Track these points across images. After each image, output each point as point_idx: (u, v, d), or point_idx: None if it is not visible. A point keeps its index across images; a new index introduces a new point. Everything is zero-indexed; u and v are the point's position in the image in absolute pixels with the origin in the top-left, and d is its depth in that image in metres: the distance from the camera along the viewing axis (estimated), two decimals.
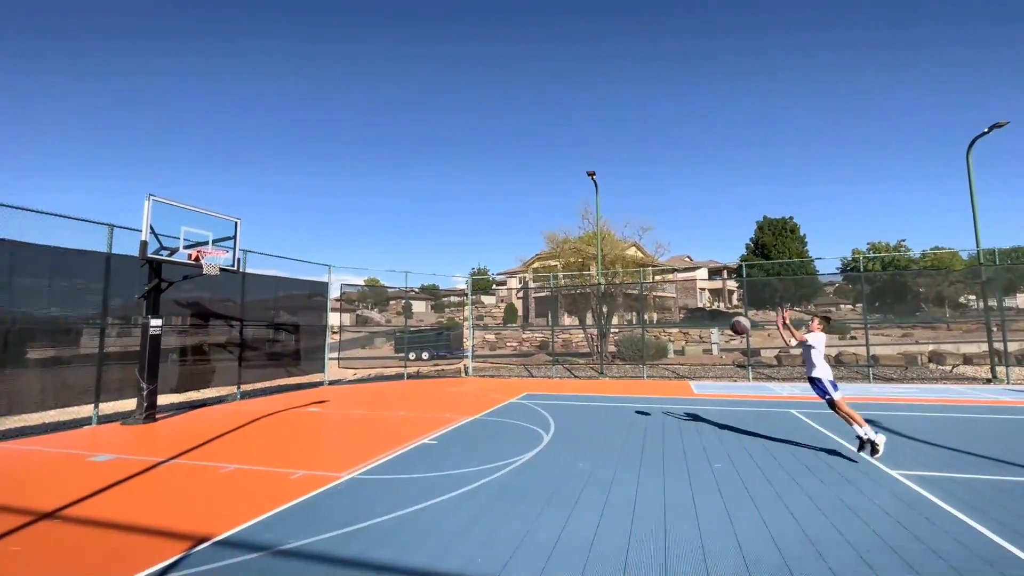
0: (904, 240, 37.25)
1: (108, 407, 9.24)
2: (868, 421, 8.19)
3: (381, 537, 3.72)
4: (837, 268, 34.64)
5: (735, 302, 50.14)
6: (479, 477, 5.26)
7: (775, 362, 20.25)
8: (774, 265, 31.48)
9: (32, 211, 7.97)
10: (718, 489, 4.83)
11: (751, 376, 15.73)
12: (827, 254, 71.88)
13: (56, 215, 8.26)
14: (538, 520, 4.05)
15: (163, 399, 9.74)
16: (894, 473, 5.32)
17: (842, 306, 43.30)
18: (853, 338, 26.67)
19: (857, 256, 20.86)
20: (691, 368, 19.14)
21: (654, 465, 5.77)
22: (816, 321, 6.43)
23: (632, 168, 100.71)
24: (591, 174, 19.37)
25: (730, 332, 6.99)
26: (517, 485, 5.01)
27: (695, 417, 8.95)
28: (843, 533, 3.75)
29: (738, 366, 19.03)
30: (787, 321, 6.41)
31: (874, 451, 5.80)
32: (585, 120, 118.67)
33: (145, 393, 8.63)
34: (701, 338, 29.04)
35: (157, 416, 8.94)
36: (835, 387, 6.18)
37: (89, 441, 7.29)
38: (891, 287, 21.10)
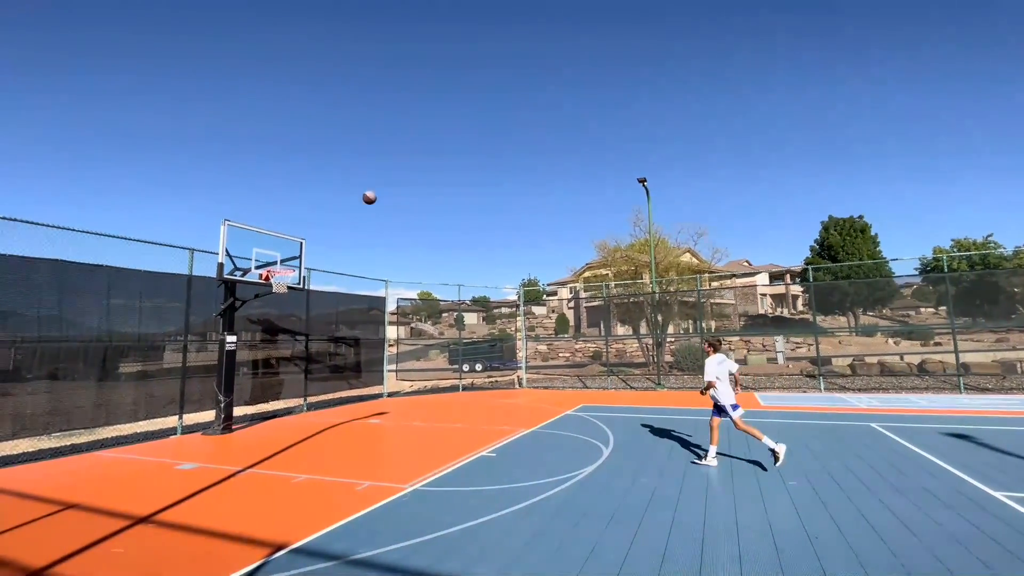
0: (991, 234, 33.84)
1: (189, 418, 9.92)
2: (958, 436, 7.56)
3: (447, 550, 3.76)
4: (916, 269, 32.11)
5: (800, 307, 47.43)
6: (540, 491, 5.22)
7: (849, 371, 18.93)
8: (843, 267, 29.57)
9: (125, 239, 8.77)
10: (795, 510, 4.55)
11: (823, 386, 14.78)
12: (904, 254, 66.68)
13: (144, 241, 9.04)
14: (603, 537, 3.96)
15: (238, 411, 10.34)
16: (998, 495, 4.82)
17: (922, 309, 40.01)
18: (938, 344, 24.60)
19: (939, 255, 19.25)
20: (755, 378, 18.22)
21: (723, 481, 5.52)
22: (706, 345, 6.65)
23: (684, 172, 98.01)
24: (642, 180, 19.06)
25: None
26: (579, 500, 4.93)
27: (763, 430, 8.49)
28: (943, 561, 3.42)
29: (807, 376, 17.94)
30: (710, 388, 6.33)
31: (700, 459, 6.33)
32: (634, 124, 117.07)
33: (223, 405, 9.21)
34: (764, 346, 27.64)
35: (233, 427, 9.52)
36: (724, 411, 6.25)
37: (175, 450, 7.85)
38: (981, 287, 19.34)
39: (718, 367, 6.29)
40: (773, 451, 5.92)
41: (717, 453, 6.36)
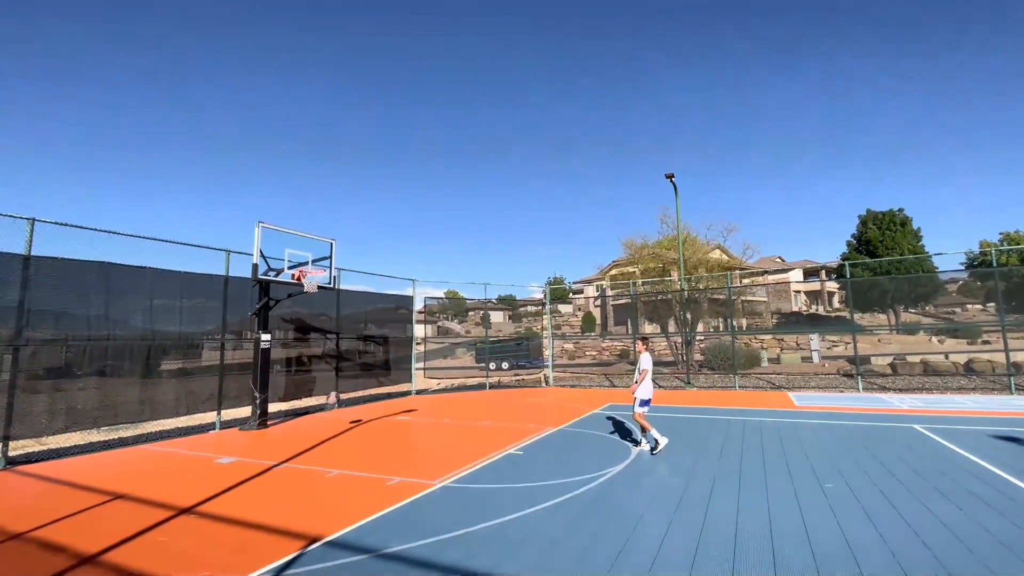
0: None
1: (226, 414, 10.25)
2: (1010, 439, 7.21)
3: (476, 546, 3.80)
4: (961, 264, 30.60)
5: (836, 304, 45.86)
6: (568, 489, 5.21)
7: (889, 371, 18.21)
8: (882, 263, 28.38)
9: (166, 241, 9.14)
10: (833, 513, 4.41)
11: (861, 386, 14.26)
12: (948, 248, 63.55)
13: (184, 244, 9.40)
14: (633, 537, 3.93)
15: (272, 407, 10.63)
16: None
17: (969, 306, 38.17)
18: (986, 343, 23.45)
19: (987, 249, 18.30)
20: (789, 378, 17.72)
21: (755, 483, 5.40)
22: (640, 343, 7.45)
23: (714, 167, 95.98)
24: (670, 176, 18.76)
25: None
26: (608, 499, 4.90)
27: (798, 431, 8.27)
28: (994, 570, 3.26)
29: (844, 375, 17.35)
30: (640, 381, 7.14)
31: (655, 448, 6.81)
32: (662, 119, 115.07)
33: (258, 401, 9.51)
34: (798, 345, 26.83)
35: (268, 423, 9.81)
36: (645, 404, 7.05)
37: (214, 444, 8.14)
38: None
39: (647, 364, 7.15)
40: (656, 442, 6.83)
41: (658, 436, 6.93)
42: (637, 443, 7.29)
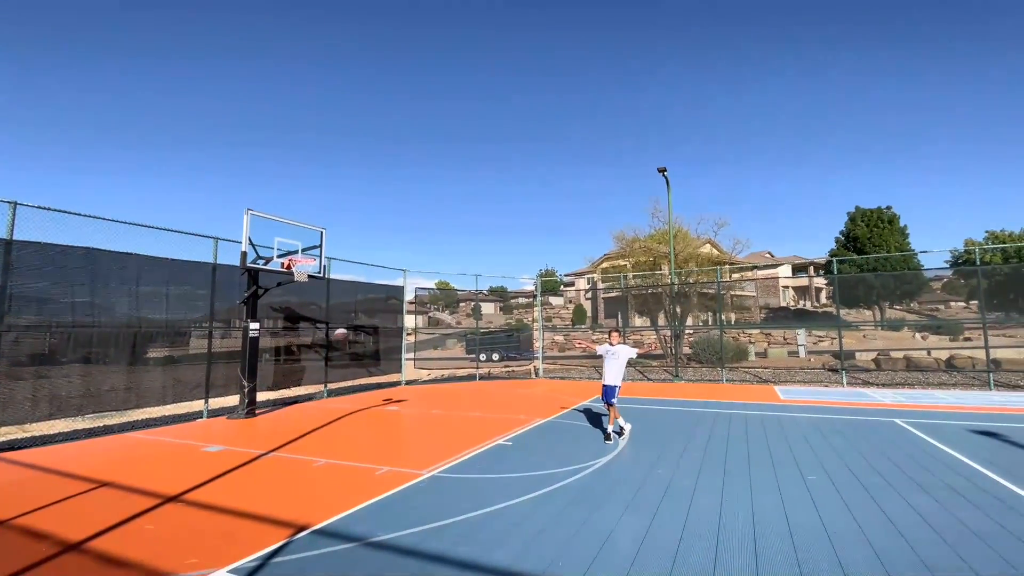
0: None
1: (214, 402, 10.18)
2: (987, 433, 7.38)
3: (464, 535, 3.83)
4: (946, 262, 31.11)
5: (823, 300, 46.42)
6: (556, 480, 5.26)
7: (873, 366, 18.51)
8: (869, 260, 28.74)
9: (153, 227, 9.00)
10: (814, 505, 4.49)
11: (845, 381, 14.50)
12: (934, 246, 64.55)
13: (171, 230, 9.27)
14: (618, 527, 3.98)
15: (260, 396, 10.57)
16: None
17: (952, 304, 38.81)
18: (968, 339, 23.90)
19: (971, 247, 18.60)
20: (775, 372, 17.96)
21: (739, 474, 5.48)
22: (615, 335, 7.59)
23: (706, 162, 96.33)
24: (662, 170, 18.77)
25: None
26: (594, 489, 4.95)
27: (783, 424, 8.39)
28: (967, 561, 3.35)
29: (829, 370, 17.61)
30: (590, 343, 7.98)
31: (620, 433, 7.21)
32: (655, 114, 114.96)
33: (246, 390, 9.45)
34: (785, 339, 27.17)
35: (256, 412, 9.76)
36: (614, 395, 7.30)
37: (202, 433, 8.10)
38: (1015, 281, 18.62)
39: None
40: (621, 428, 7.22)
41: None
42: (620, 433, 7.35)
